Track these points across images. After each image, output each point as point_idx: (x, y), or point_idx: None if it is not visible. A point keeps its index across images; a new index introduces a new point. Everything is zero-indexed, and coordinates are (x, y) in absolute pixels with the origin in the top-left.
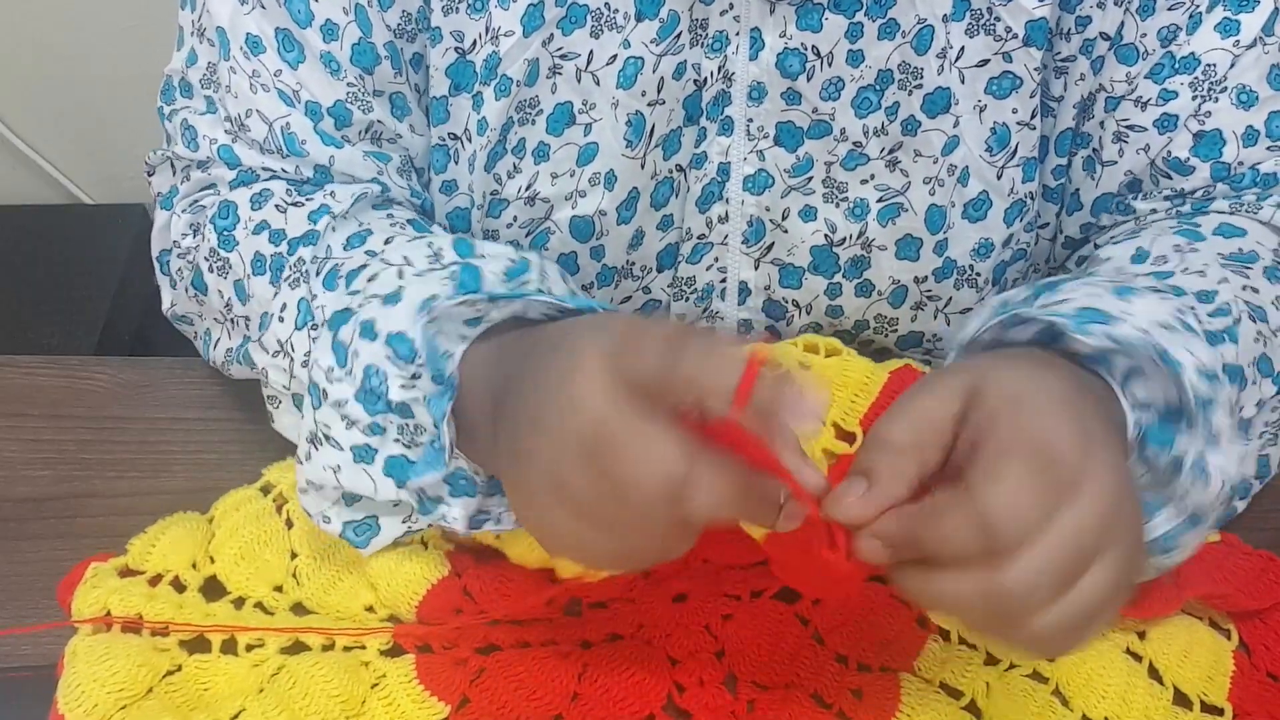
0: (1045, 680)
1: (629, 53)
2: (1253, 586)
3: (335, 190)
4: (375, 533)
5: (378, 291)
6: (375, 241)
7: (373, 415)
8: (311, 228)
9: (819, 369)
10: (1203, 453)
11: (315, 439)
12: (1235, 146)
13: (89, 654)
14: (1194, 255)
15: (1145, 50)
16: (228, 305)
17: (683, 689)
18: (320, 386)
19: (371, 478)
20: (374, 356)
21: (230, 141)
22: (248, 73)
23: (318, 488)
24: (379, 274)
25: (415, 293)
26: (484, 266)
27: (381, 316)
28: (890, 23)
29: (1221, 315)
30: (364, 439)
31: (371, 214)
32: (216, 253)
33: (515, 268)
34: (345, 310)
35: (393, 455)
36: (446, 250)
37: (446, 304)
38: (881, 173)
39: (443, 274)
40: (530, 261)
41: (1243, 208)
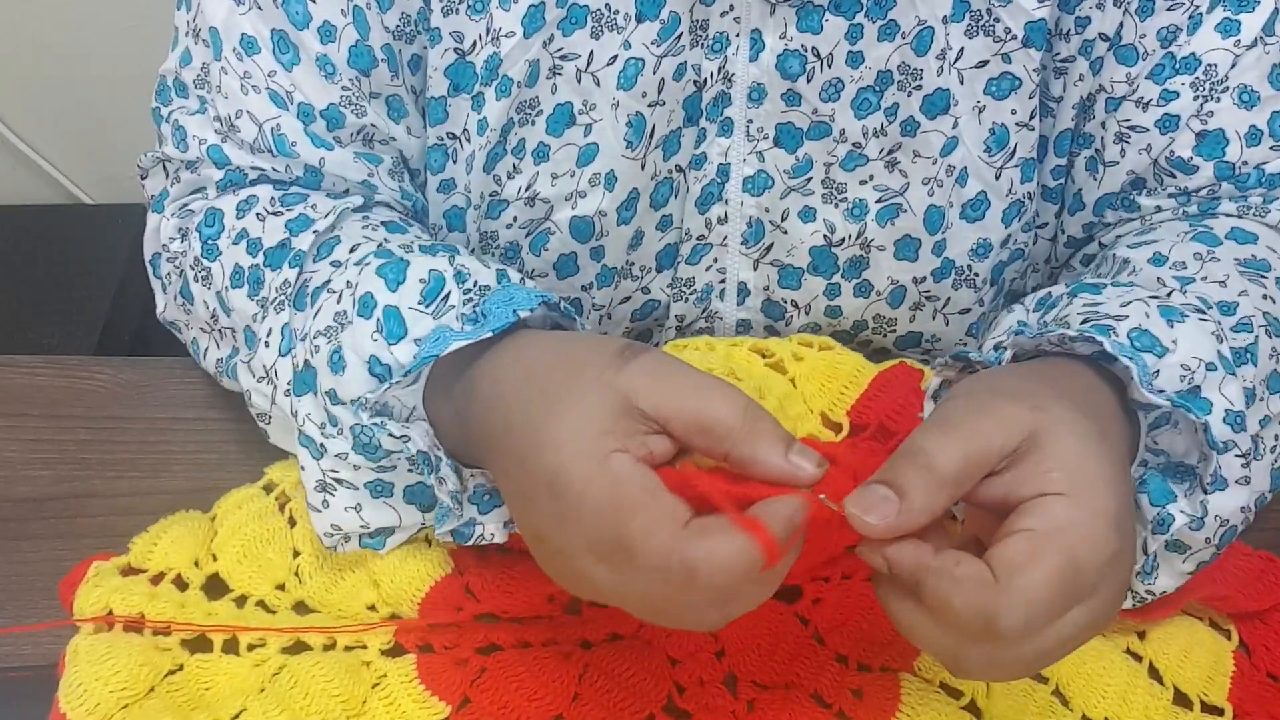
0: (1045, 680)
1: (629, 54)
2: (1253, 587)
3: (317, 202)
4: (391, 533)
5: (324, 353)
6: (341, 250)
7: (377, 461)
8: (286, 237)
9: (811, 361)
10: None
11: (326, 486)
12: (1238, 146)
13: (91, 653)
14: (1214, 265)
15: (1145, 51)
16: (213, 316)
17: (683, 689)
18: (316, 441)
19: (394, 509)
20: (355, 418)
21: (220, 141)
22: (239, 73)
23: (344, 539)
24: (323, 307)
25: (352, 370)
26: (401, 306)
27: (338, 386)
28: (890, 24)
29: (1244, 331)
30: (376, 475)
31: (347, 221)
32: (200, 262)
33: (429, 288)
34: (307, 369)
35: (410, 485)
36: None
37: (372, 398)
38: (880, 173)
39: (372, 328)
40: (443, 275)
41: (1250, 210)
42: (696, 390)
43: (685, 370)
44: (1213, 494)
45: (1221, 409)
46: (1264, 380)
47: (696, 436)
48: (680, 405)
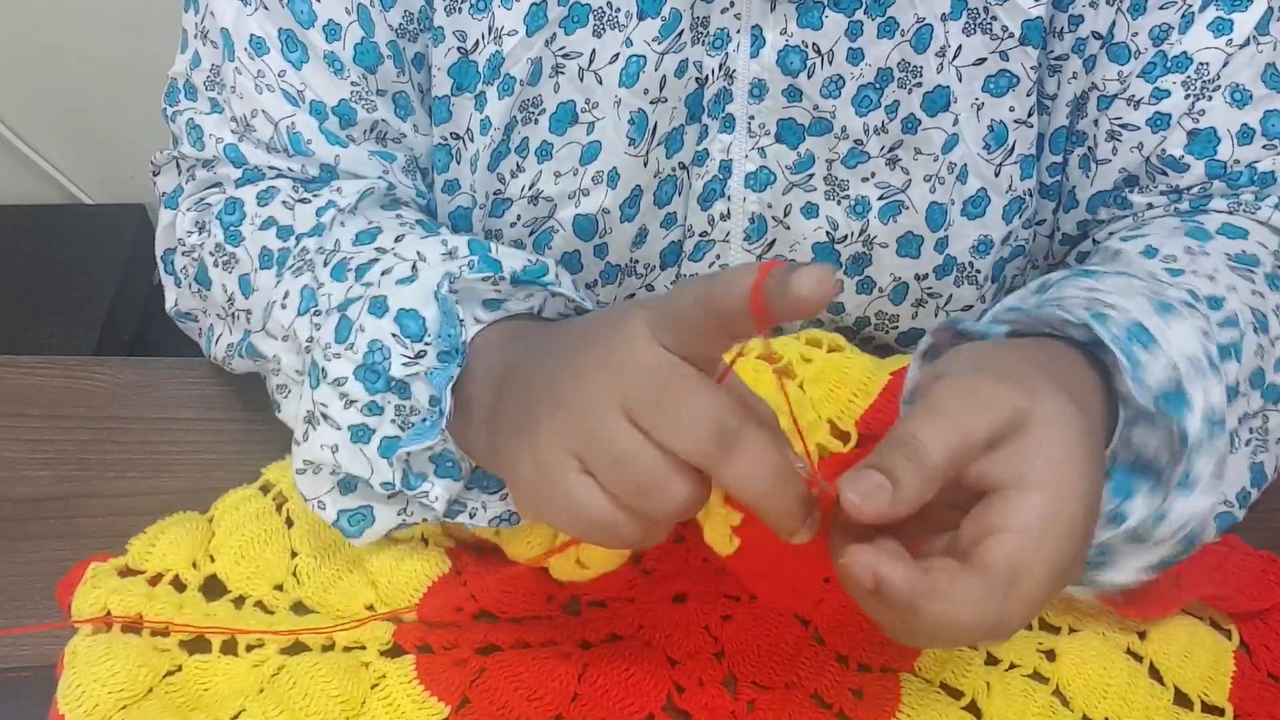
0: (1046, 680)
1: (631, 51)
2: (1253, 587)
3: (342, 186)
4: (369, 523)
5: (392, 277)
6: (385, 239)
7: (371, 394)
8: (318, 222)
9: (819, 364)
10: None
11: (313, 418)
12: (1230, 145)
13: (89, 654)
14: (1204, 259)
15: (1137, 49)
16: (230, 299)
17: (682, 689)
18: (320, 365)
19: (367, 458)
20: (379, 332)
21: (236, 140)
22: (252, 73)
23: (315, 469)
24: (393, 267)
25: (433, 273)
26: (503, 260)
27: (393, 294)
28: (889, 21)
29: (1229, 327)
30: (361, 418)
31: (380, 213)
32: (223, 248)
33: (534, 267)
34: (355, 297)
35: (389, 436)
36: (461, 247)
37: (470, 277)
38: (882, 170)
39: (460, 261)
40: (548, 265)
41: (1241, 207)
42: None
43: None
44: (1178, 496)
45: (1201, 410)
46: (1247, 377)
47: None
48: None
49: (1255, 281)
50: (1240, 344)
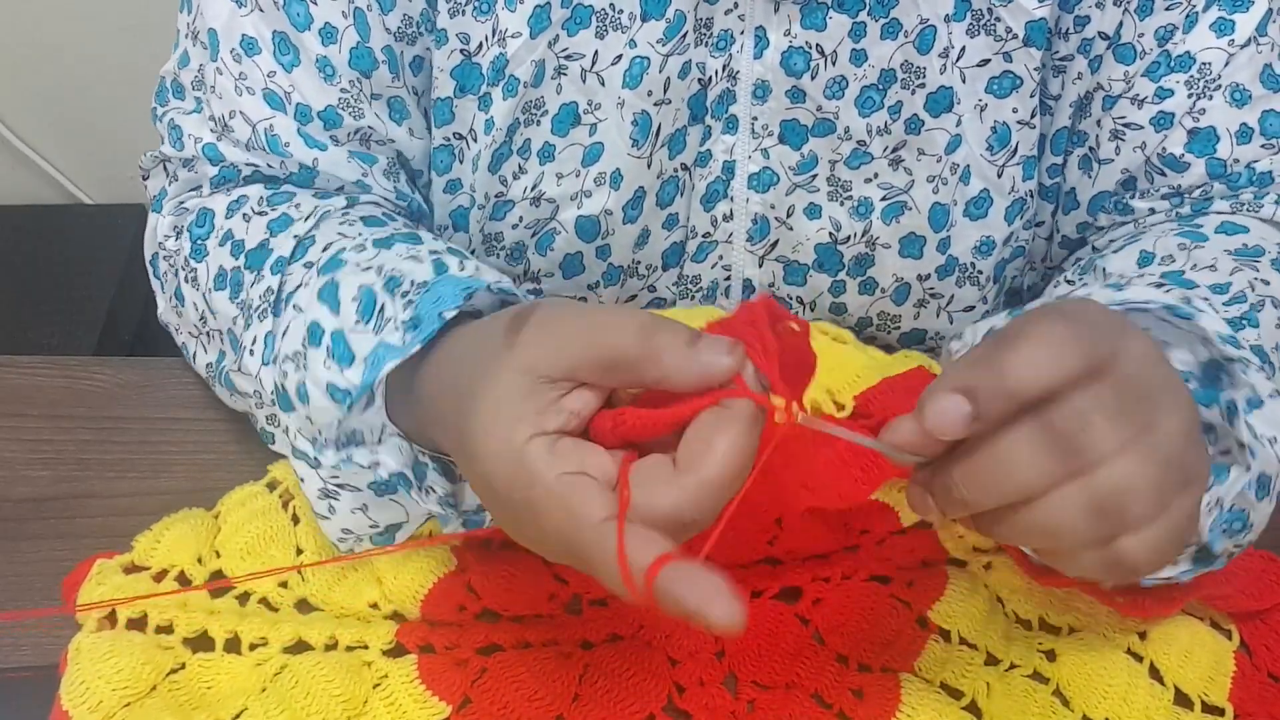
0: (1046, 680)
1: (635, 52)
2: (1253, 587)
3: (301, 201)
4: (400, 526)
5: (289, 373)
6: (314, 251)
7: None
8: (266, 238)
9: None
10: (1249, 409)
11: (329, 494)
12: (1229, 143)
13: (93, 651)
14: (1201, 252)
15: (1143, 50)
16: (201, 318)
17: (683, 689)
18: (310, 455)
19: (400, 504)
20: (333, 431)
21: (215, 139)
22: (234, 75)
23: (357, 540)
24: (290, 327)
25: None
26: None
27: (310, 413)
28: (893, 22)
29: (1238, 303)
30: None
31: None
32: (189, 262)
33: (363, 306)
34: (282, 391)
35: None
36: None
37: (334, 430)
38: (885, 171)
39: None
40: (372, 289)
41: (1242, 207)
42: (587, 331)
43: (576, 314)
44: (1254, 413)
45: (1212, 324)
46: (1275, 348)
47: (606, 375)
48: (576, 354)
49: (1259, 270)
50: (1254, 315)
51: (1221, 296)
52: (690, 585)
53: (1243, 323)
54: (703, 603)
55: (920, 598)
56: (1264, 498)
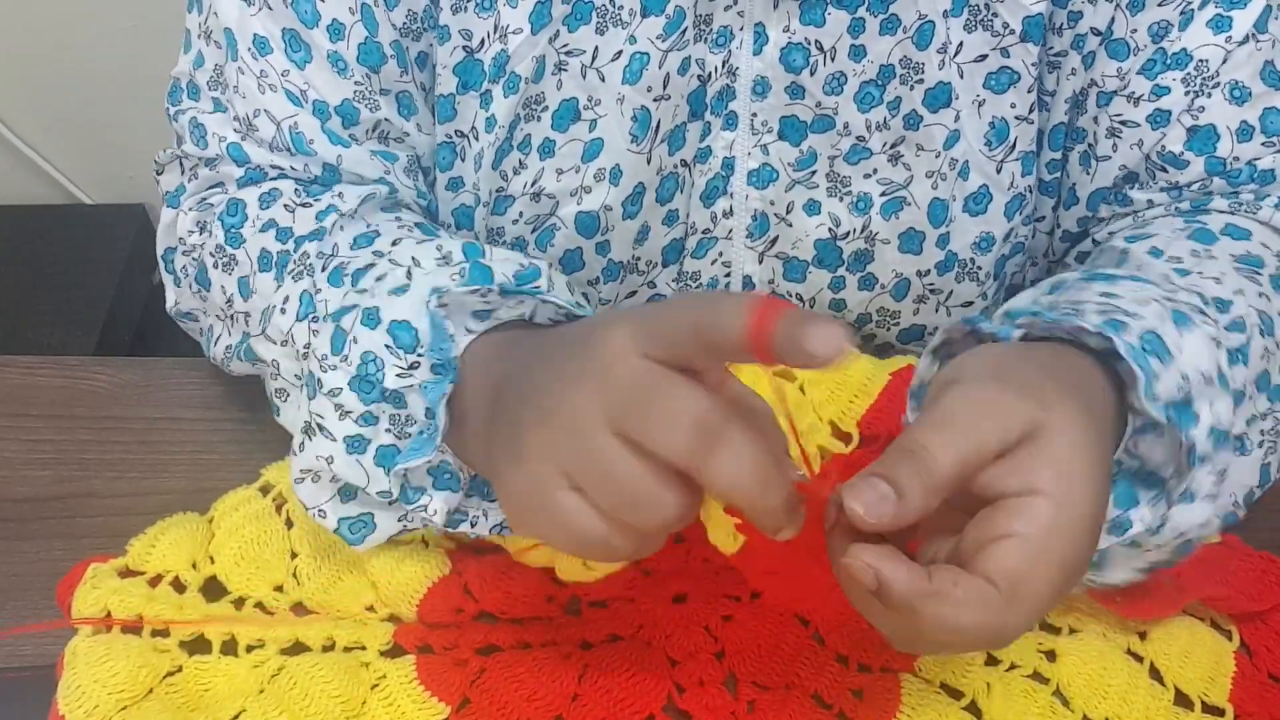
0: (1046, 681)
1: (635, 48)
2: (1253, 588)
3: (343, 191)
4: (370, 530)
5: (385, 287)
6: (383, 243)
7: (366, 404)
8: (319, 226)
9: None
10: (1165, 514)
11: (309, 429)
12: (1229, 141)
13: (89, 654)
14: (1211, 262)
15: (1136, 46)
16: (229, 301)
17: (683, 690)
18: (316, 375)
19: (364, 468)
20: (373, 344)
21: (239, 139)
22: (255, 73)
23: (313, 478)
24: (387, 273)
25: (423, 284)
26: (495, 267)
27: (386, 305)
28: (891, 18)
29: (1237, 330)
30: (357, 429)
31: (380, 215)
32: (223, 249)
33: (526, 272)
34: (350, 305)
35: (385, 445)
36: (456, 252)
37: (458, 291)
38: (884, 167)
39: (453, 269)
40: (540, 268)
41: (1242, 207)
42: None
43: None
44: (1178, 507)
45: (1207, 424)
46: (1253, 379)
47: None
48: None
49: (1261, 284)
50: (1247, 348)
51: (1224, 316)
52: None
53: (1237, 357)
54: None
55: None
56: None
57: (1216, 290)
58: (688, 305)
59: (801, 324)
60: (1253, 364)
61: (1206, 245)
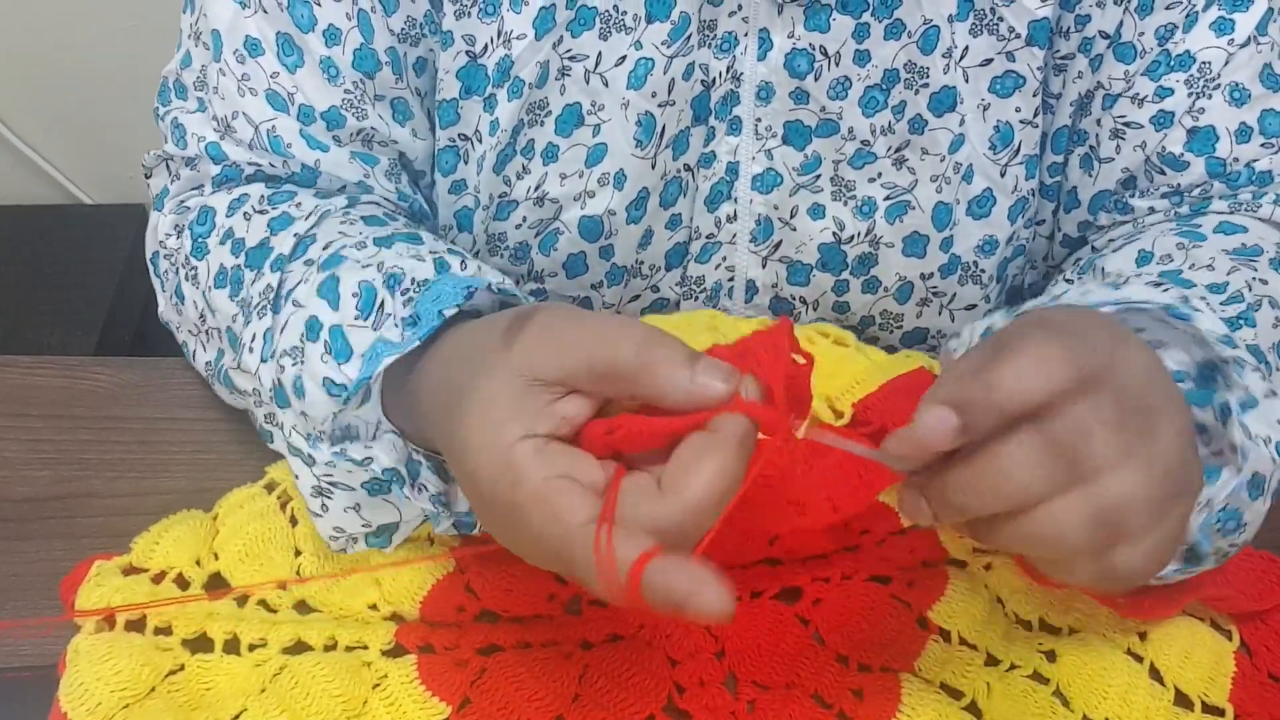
0: (1046, 681)
1: (639, 54)
2: (1254, 588)
3: (303, 200)
4: (396, 529)
5: (286, 368)
6: (315, 249)
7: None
8: (266, 236)
9: (822, 350)
10: (1244, 409)
11: (322, 491)
12: (1229, 142)
13: (92, 653)
14: (1199, 251)
15: (1143, 49)
16: (201, 316)
17: (683, 689)
18: (304, 451)
19: (394, 504)
20: (328, 424)
21: (218, 139)
22: (237, 75)
23: (350, 540)
24: (288, 323)
25: (312, 395)
26: (342, 323)
27: (305, 408)
28: (896, 23)
29: (1235, 302)
30: (370, 475)
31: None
32: (190, 260)
33: (362, 300)
34: (280, 387)
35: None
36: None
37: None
38: (889, 171)
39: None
40: (372, 284)
41: (1240, 206)
42: (587, 338)
43: (580, 321)
44: (1248, 413)
45: (1209, 323)
46: (1272, 348)
47: (601, 384)
48: (573, 360)
49: (1257, 269)
50: (1251, 314)
51: (1219, 296)
52: (678, 575)
53: (1240, 322)
54: (692, 590)
55: (920, 598)
56: (1258, 497)
57: (1209, 277)
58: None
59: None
60: (1263, 329)
61: (1195, 241)
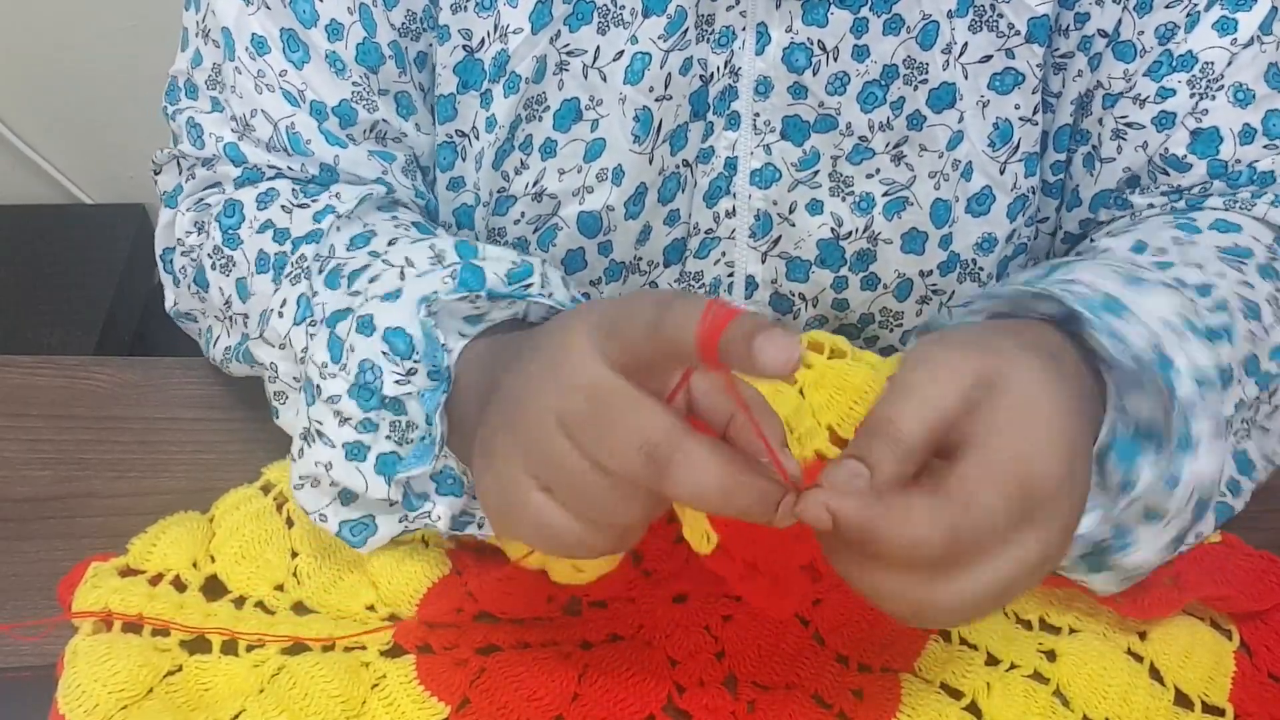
0: (1046, 681)
1: (637, 48)
2: (1254, 588)
3: (341, 191)
4: (372, 532)
5: (378, 291)
6: (379, 243)
7: (365, 411)
8: (316, 227)
9: (820, 369)
10: (1170, 467)
11: (308, 435)
12: (1232, 144)
13: (90, 654)
14: (1192, 249)
15: (1143, 48)
16: (227, 302)
17: (683, 689)
18: (314, 382)
19: (363, 475)
20: (369, 351)
21: (236, 139)
22: (253, 73)
23: (313, 483)
24: (381, 275)
25: (415, 289)
26: (487, 268)
27: (380, 312)
28: (895, 18)
29: (1220, 311)
30: (356, 435)
31: (376, 215)
32: (220, 250)
33: (518, 270)
34: (345, 309)
35: (384, 452)
36: (449, 252)
37: (447, 298)
38: (887, 167)
39: (444, 273)
40: (533, 265)
41: (1237, 204)
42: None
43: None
44: (1182, 458)
45: (1186, 368)
46: (1240, 363)
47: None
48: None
49: (1245, 272)
50: (1232, 327)
51: (1205, 300)
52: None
53: (1221, 335)
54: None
55: None
56: (1153, 523)
57: (1198, 276)
58: (647, 307)
59: (750, 335)
60: (1239, 345)
61: (1189, 235)
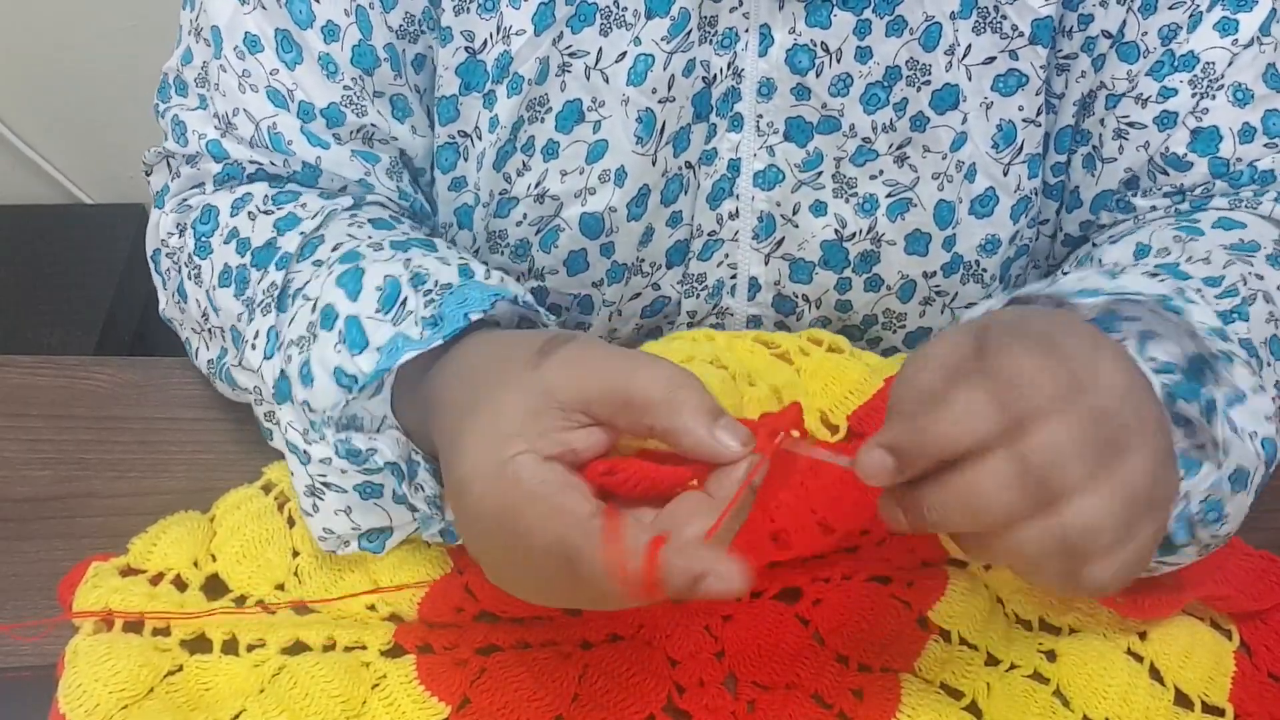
0: (1046, 681)
1: (639, 50)
2: (1254, 588)
3: (308, 201)
4: (389, 535)
5: (293, 357)
6: (324, 250)
7: (361, 465)
8: (272, 236)
9: (817, 360)
10: (1231, 404)
11: (315, 491)
12: (1232, 143)
13: (90, 653)
14: (1195, 245)
15: (1146, 48)
16: (204, 315)
17: (683, 690)
18: (300, 447)
19: (384, 510)
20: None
21: (219, 136)
22: (237, 72)
23: (337, 535)
24: (296, 316)
25: (320, 382)
26: (360, 314)
27: (309, 397)
28: (898, 20)
29: (1230, 296)
30: (364, 478)
31: (334, 220)
32: (193, 259)
33: (386, 295)
34: (284, 378)
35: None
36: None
37: (339, 410)
38: (890, 168)
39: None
40: (398, 280)
41: (1241, 203)
42: (617, 368)
43: (609, 353)
44: (1235, 408)
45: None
46: (1264, 343)
47: (619, 414)
48: (599, 384)
49: (1253, 264)
50: (1245, 308)
51: (1214, 289)
52: (696, 552)
53: (1233, 316)
54: (710, 566)
55: (920, 598)
56: (1240, 490)
57: (1206, 270)
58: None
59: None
60: (1256, 323)
61: (1192, 235)
